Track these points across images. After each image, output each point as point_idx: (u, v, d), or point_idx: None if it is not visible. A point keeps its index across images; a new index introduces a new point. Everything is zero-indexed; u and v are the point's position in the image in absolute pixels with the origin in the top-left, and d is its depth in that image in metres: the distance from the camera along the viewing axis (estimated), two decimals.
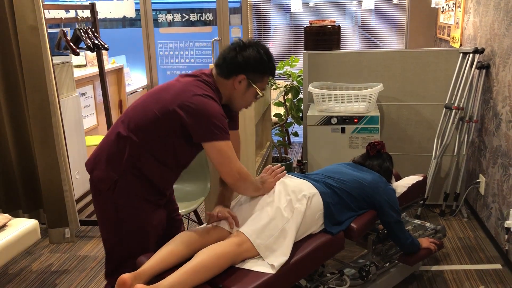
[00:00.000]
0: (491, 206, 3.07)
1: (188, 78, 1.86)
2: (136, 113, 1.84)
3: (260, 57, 1.87)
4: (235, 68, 1.85)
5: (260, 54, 1.87)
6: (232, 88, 1.89)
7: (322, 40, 3.62)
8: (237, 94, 1.91)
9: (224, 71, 1.87)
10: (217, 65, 1.89)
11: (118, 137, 1.85)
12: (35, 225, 2.37)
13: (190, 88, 1.79)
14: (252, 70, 1.87)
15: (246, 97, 1.92)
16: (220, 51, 1.97)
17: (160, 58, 5.85)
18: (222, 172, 1.79)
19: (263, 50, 1.89)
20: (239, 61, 1.84)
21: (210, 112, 1.74)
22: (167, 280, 1.65)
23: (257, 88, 1.90)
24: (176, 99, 1.76)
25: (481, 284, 2.61)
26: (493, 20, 3.08)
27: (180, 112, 1.75)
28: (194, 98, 1.75)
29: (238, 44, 1.88)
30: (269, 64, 1.91)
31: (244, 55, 1.85)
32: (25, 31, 2.78)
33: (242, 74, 1.86)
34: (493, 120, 3.06)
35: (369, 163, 2.46)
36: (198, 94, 1.77)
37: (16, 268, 2.96)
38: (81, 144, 3.90)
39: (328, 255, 2.03)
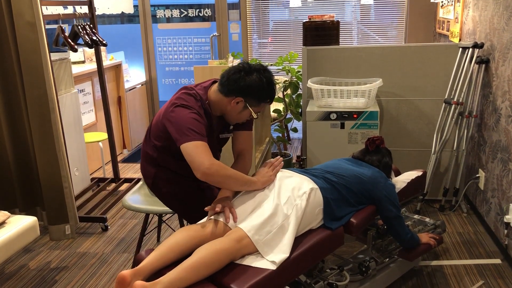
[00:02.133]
0: (490, 201, 3.07)
1: (178, 92, 2.08)
2: (154, 122, 2.18)
3: (261, 85, 1.98)
4: (235, 90, 1.98)
5: (262, 82, 1.97)
6: (229, 105, 2.02)
7: (321, 36, 3.61)
8: (232, 112, 2.05)
9: (224, 90, 2.00)
10: (220, 82, 2.02)
11: (146, 139, 2.24)
12: (34, 222, 2.36)
13: (174, 100, 2.01)
14: (251, 95, 1.99)
15: (240, 116, 2.06)
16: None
17: (159, 54, 5.83)
18: (192, 170, 1.90)
19: (265, 78, 1.99)
20: (241, 85, 1.97)
21: (183, 119, 1.93)
22: (167, 277, 1.64)
23: (252, 111, 2.03)
24: (165, 113, 2.04)
25: (480, 279, 2.61)
26: (492, 14, 3.07)
27: (166, 122, 2.01)
28: (173, 109, 1.98)
29: (244, 67, 1.99)
30: (269, 92, 2.02)
31: (247, 80, 1.96)
32: (23, 27, 2.76)
33: (240, 97, 1.98)
34: (492, 115, 3.06)
35: (369, 159, 2.46)
36: (177, 105, 1.98)
37: (15, 265, 2.96)
38: (80, 140, 3.89)
39: (327, 250, 2.03)
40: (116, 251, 3.07)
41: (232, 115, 2.06)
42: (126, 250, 3.09)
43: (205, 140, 1.91)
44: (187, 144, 1.88)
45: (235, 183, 1.96)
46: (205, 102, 2.04)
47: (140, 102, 5.60)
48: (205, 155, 1.86)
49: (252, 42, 5.49)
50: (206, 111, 2.04)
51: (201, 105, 2.02)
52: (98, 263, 2.93)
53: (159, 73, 5.88)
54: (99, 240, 3.24)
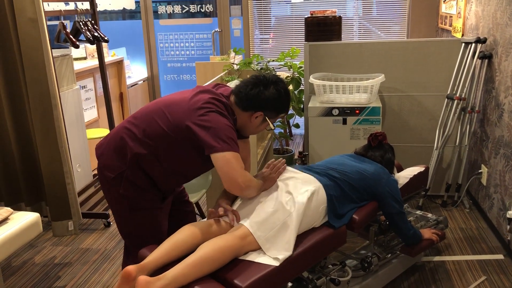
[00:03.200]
0: (493, 197, 3.06)
1: (204, 94, 1.89)
2: (145, 120, 1.90)
3: (280, 97, 1.94)
4: (256, 104, 1.92)
5: (281, 94, 1.94)
6: (247, 120, 1.96)
7: (323, 31, 3.60)
8: (251, 126, 1.98)
9: (244, 105, 1.93)
10: (237, 95, 1.94)
11: (125, 135, 1.92)
12: (37, 218, 2.37)
13: (204, 104, 1.84)
14: (270, 108, 1.94)
15: (259, 128, 2.01)
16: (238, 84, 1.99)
17: (161, 50, 5.83)
18: (226, 182, 1.81)
19: (283, 90, 1.96)
20: (261, 99, 1.91)
21: (221, 126, 1.80)
22: (171, 272, 1.65)
23: (270, 123, 1.99)
24: (191, 115, 1.83)
25: (483, 274, 2.61)
26: (495, 9, 3.05)
27: (194, 127, 1.81)
28: (207, 113, 1.82)
29: (261, 81, 1.94)
30: (286, 103, 1.99)
31: (266, 94, 1.92)
32: (25, 23, 2.76)
33: (261, 111, 1.93)
34: (495, 110, 3.05)
35: (371, 154, 2.45)
36: (212, 110, 1.83)
37: (19, 261, 2.97)
38: (82, 137, 3.90)
39: (330, 249, 2.03)
40: (118, 247, 3.08)
41: (250, 129, 2.00)
42: None
43: (239, 152, 1.83)
44: (227, 154, 1.77)
45: (256, 192, 1.94)
46: (234, 114, 1.94)
47: (142, 98, 5.59)
48: (242, 168, 1.81)
49: (254, 37, 5.48)
50: (235, 123, 1.95)
51: (231, 115, 1.92)
52: (101, 259, 2.94)
53: (161, 69, 5.88)
54: (102, 236, 3.24)
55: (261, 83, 1.93)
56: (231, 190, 1.84)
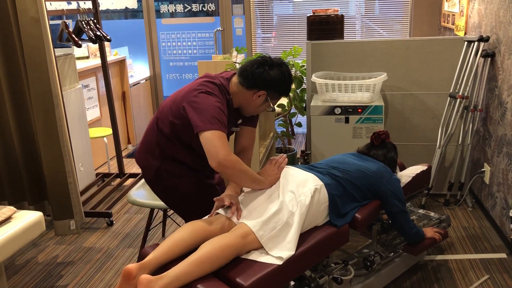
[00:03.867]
0: (496, 195, 3.06)
1: (200, 79, 2.03)
2: (163, 110, 2.09)
3: (284, 79, 2.01)
4: (260, 83, 1.99)
5: (285, 76, 2.01)
6: (250, 98, 2.03)
7: (325, 30, 3.59)
8: (253, 105, 2.05)
9: (248, 83, 2.00)
10: (242, 75, 2.01)
11: (151, 129, 2.13)
12: (40, 217, 2.37)
13: (197, 86, 1.97)
14: (273, 89, 2.01)
15: (260, 108, 2.08)
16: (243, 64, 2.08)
17: (163, 49, 5.83)
18: (209, 159, 1.86)
19: (287, 73, 2.03)
20: (266, 78, 1.98)
21: (208, 106, 1.90)
22: (173, 271, 1.65)
23: (271, 103, 2.06)
24: (185, 96, 1.98)
25: (486, 273, 2.61)
26: (498, 7, 3.04)
27: (186, 107, 1.94)
28: (198, 94, 1.94)
29: (266, 61, 2.01)
30: (289, 85, 2.06)
31: (271, 74, 1.98)
32: (27, 23, 2.77)
33: (264, 90, 2.00)
34: (498, 109, 3.04)
35: (374, 153, 2.45)
36: (202, 91, 1.94)
37: (22, 260, 2.97)
38: (85, 136, 3.90)
39: (332, 248, 2.03)
40: (121, 246, 3.09)
41: (252, 108, 2.06)
42: (131, 245, 3.10)
43: (225, 132, 1.89)
44: (209, 132, 1.84)
45: (246, 180, 1.95)
46: (229, 94, 2.02)
47: (144, 97, 5.60)
48: (225, 146, 1.85)
49: (256, 36, 5.47)
50: (229, 103, 2.02)
51: (225, 96, 2.00)
52: (104, 258, 2.95)
53: (163, 68, 5.88)
54: (105, 235, 3.25)
55: (266, 63, 1.99)
56: (215, 167, 1.86)
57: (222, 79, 2.03)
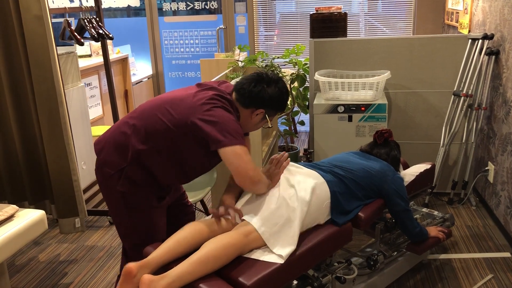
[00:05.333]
0: (500, 194, 3.04)
1: (209, 91, 1.90)
2: (146, 118, 1.88)
3: (281, 96, 1.96)
4: (258, 102, 1.92)
5: (282, 93, 1.96)
6: (248, 116, 1.96)
7: (328, 28, 3.58)
8: (251, 123, 1.99)
9: (245, 102, 1.92)
10: (239, 92, 1.93)
11: (128, 130, 1.90)
12: (42, 215, 2.37)
13: (208, 100, 1.84)
14: (271, 106, 1.95)
15: (258, 126, 2.02)
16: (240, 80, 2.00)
17: (165, 47, 5.82)
18: (237, 176, 1.81)
19: (284, 89, 1.98)
20: (264, 97, 1.92)
21: (228, 120, 1.81)
22: (175, 270, 1.64)
23: (269, 121, 2.00)
24: (196, 111, 1.81)
25: (489, 272, 2.59)
26: (503, 5, 3.02)
27: (199, 123, 1.79)
28: (212, 108, 1.81)
29: (263, 78, 1.94)
30: (286, 102, 2.01)
31: (269, 92, 1.92)
32: (30, 21, 2.76)
33: (262, 109, 1.94)
34: (502, 107, 3.02)
35: (377, 152, 2.44)
36: (217, 106, 1.83)
37: (24, 258, 2.98)
38: (87, 134, 3.90)
39: (335, 246, 2.02)
40: None
41: (250, 126, 2.00)
42: None
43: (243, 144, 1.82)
44: (236, 147, 1.76)
45: (264, 188, 1.93)
46: (237, 112, 1.94)
47: (147, 95, 5.60)
48: (251, 162, 1.81)
49: (258, 34, 5.46)
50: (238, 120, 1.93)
51: (235, 112, 1.92)
52: (106, 256, 2.95)
53: (166, 66, 5.87)
54: (107, 234, 3.25)
55: (263, 80, 1.93)
56: (243, 184, 1.83)
57: (228, 95, 1.93)
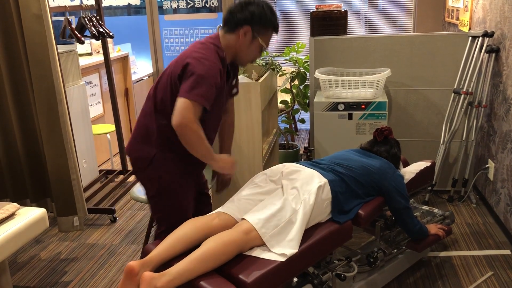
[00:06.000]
0: (500, 192, 3.04)
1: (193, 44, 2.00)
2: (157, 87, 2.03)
3: (264, 11, 1.98)
4: (241, 20, 1.96)
5: (263, 8, 1.98)
6: (238, 40, 1.98)
7: (328, 25, 3.58)
8: (243, 47, 2.00)
9: (231, 25, 1.98)
10: (224, 20, 2.00)
11: (144, 118, 2.03)
12: (43, 213, 2.38)
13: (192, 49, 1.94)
14: (257, 22, 1.97)
15: (251, 49, 2.01)
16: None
17: (166, 45, 5.82)
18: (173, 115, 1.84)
19: (267, 6, 2.00)
20: (245, 14, 1.96)
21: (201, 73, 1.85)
22: (175, 268, 1.65)
23: (260, 40, 1.99)
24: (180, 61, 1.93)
25: (489, 270, 2.60)
26: (503, 2, 3.02)
27: (181, 71, 1.89)
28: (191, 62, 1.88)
29: (242, 2, 2.00)
30: (272, 18, 2.00)
31: (250, 9, 1.97)
32: (30, 20, 2.76)
33: (248, 26, 1.96)
34: (502, 105, 3.02)
35: (377, 149, 2.44)
36: (203, 58, 1.89)
37: (25, 256, 2.98)
38: (88, 132, 3.91)
39: (335, 244, 2.02)
40: (124, 243, 3.09)
41: (244, 51, 2.00)
42: (135, 241, 3.11)
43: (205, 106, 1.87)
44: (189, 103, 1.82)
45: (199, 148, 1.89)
46: (222, 50, 1.98)
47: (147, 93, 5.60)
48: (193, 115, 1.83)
49: None
50: (223, 60, 1.97)
51: (217, 55, 1.94)
52: (107, 255, 2.95)
53: (166, 64, 5.86)
54: (108, 232, 3.26)
55: (242, 2, 1.99)
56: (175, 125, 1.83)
57: (211, 39, 2.00)
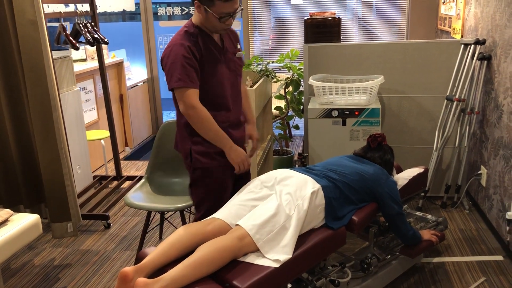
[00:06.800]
0: (492, 198, 3.07)
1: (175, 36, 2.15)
2: None
3: None
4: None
5: None
6: (199, 15, 2.09)
7: (322, 33, 3.60)
8: (203, 20, 2.09)
9: (191, 2, 2.13)
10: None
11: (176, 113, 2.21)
12: (36, 220, 2.37)
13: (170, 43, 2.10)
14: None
15: (210, 20, 2.06)
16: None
17: (160, 51, 5.83)
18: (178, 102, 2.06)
19: None
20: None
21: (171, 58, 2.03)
22: (169, 274, 1.65)
23: (212, 12, 2.02)
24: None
25: (482, 275, 2.61)
26: (494, 10, 3.06)
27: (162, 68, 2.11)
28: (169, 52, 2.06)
29: None
30: None
31: None
32: (24, 25, 2.76)
33: (197, 1, 2.04)
34: (494, 112, 3.05)
35: (370, 156, 2.46)
36: (168, 47, 2.08)
37: (18, 262, 2.97)
38: (82, 138, 3.90)
39: (330, 250, 2.03)
40: (118, 249, 3.09)
41: (205, 23, 2.08)
42: (129, 247, 3.10)
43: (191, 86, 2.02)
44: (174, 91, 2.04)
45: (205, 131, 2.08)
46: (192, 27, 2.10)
47: (142, 99, 5.60)
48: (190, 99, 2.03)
49: (253, 39, 5.48)
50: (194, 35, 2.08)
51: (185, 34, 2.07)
52: (101, 261, 2.94)
53: (161, 70, 5.87)
54: (102, 238, 3.25)
55: None
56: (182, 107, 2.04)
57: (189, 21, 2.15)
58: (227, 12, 2.01)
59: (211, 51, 2.10)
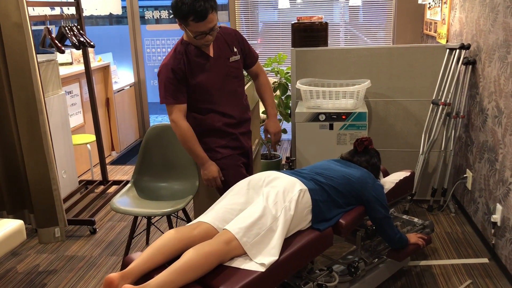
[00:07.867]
0: (478, 201, 3.09)
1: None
2: None
3: (175, 5, 2.16)
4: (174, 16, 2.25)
5: (176, 2, 2.15)
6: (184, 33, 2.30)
7: (310, 37, 3.61)
8: (186, 37, 2.30)
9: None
10: None
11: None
12: (20, 225, 2.34)
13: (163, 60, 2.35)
14: (176, 16, 2.20)
15: (190, 37, 2.25)
16: None
17: (147, 55, 5.80)
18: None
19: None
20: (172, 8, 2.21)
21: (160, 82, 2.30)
22: (155, 280, 1.64)
23: (187, 30, 2.21)
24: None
25: (468, 278, 2.63)
26: (478, 16, 3.10)
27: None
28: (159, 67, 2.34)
29: None
30: (184, 7, 2.13)
31: (172, 5, 2.19)
32: (9, 28, 2.73)
33: (178, 21, 2.21)
34: (479, 116, 3.09)
35: (357, 159, 2.47)
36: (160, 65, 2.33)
37: (1, 269, 2.92)
38: (68, 143, 3.86)
39: (317, 252, 2.03)
40: (104, 254, 3.05)
41: (189, 40, 2.28)
42: (115, 253, 3.07)
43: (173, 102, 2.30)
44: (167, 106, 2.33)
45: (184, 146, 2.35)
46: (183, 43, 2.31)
47: (128, 103, 5.56)
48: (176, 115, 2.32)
49: None
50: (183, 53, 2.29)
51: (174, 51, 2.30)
52: (86, 267, 2.91)
53: (148, 74, 5.85)
54: (87, 243, 3.21)
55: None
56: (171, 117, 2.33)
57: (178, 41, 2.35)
58: (201, 31, 2.18)
59: (197, 64, 2.31)
